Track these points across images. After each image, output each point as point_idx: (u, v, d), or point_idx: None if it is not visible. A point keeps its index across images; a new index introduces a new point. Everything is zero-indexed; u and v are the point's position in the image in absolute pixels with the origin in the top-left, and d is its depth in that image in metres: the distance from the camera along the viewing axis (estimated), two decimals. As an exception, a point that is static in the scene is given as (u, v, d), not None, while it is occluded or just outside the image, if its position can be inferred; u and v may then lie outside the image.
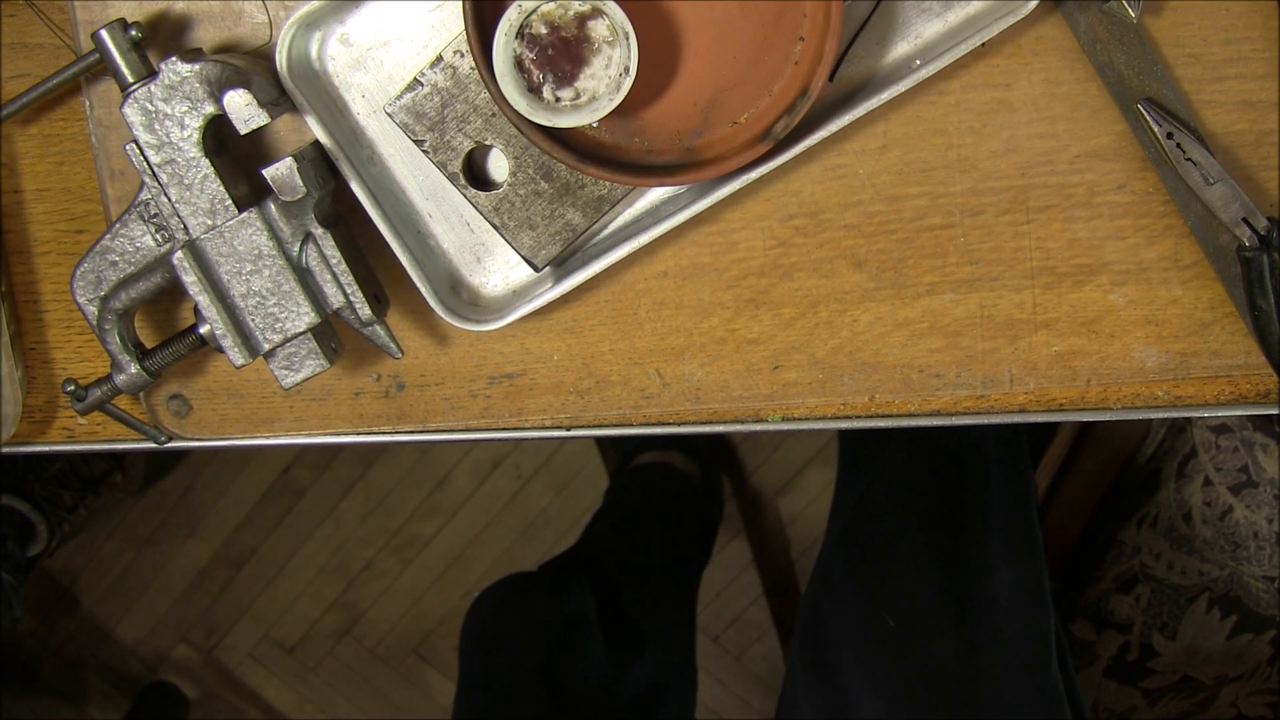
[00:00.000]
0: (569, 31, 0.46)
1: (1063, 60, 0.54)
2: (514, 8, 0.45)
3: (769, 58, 0.49)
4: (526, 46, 0.46)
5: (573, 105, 0.46)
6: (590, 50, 0.46)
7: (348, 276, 0.53)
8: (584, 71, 0.46)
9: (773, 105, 0.49)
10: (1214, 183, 0.53)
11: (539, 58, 0.46)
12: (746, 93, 0.49)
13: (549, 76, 0.46)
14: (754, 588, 1.70)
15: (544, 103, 0.46)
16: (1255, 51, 0.53)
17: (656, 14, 0.48)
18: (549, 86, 0.46)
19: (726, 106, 0.49)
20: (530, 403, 0.59)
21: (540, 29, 0.46)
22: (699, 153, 0.50)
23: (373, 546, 1.73)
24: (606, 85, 0.46)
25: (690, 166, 0.50)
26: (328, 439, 0.61)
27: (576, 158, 0.49)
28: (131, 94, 0.50)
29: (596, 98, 0.46)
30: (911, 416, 0.59)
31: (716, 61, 0.49)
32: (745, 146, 0.49)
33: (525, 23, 0.45)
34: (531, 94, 0.46)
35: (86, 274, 0.53)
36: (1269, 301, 0.53)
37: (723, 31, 0.48)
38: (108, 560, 1.75)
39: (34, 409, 0.62)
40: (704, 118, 0.50)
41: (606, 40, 0.46)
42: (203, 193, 0.51)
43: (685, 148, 0.50)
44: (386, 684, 1.81)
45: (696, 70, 0.49)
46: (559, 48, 0.46)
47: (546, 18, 0.45)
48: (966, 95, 0.54)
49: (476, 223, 0.55)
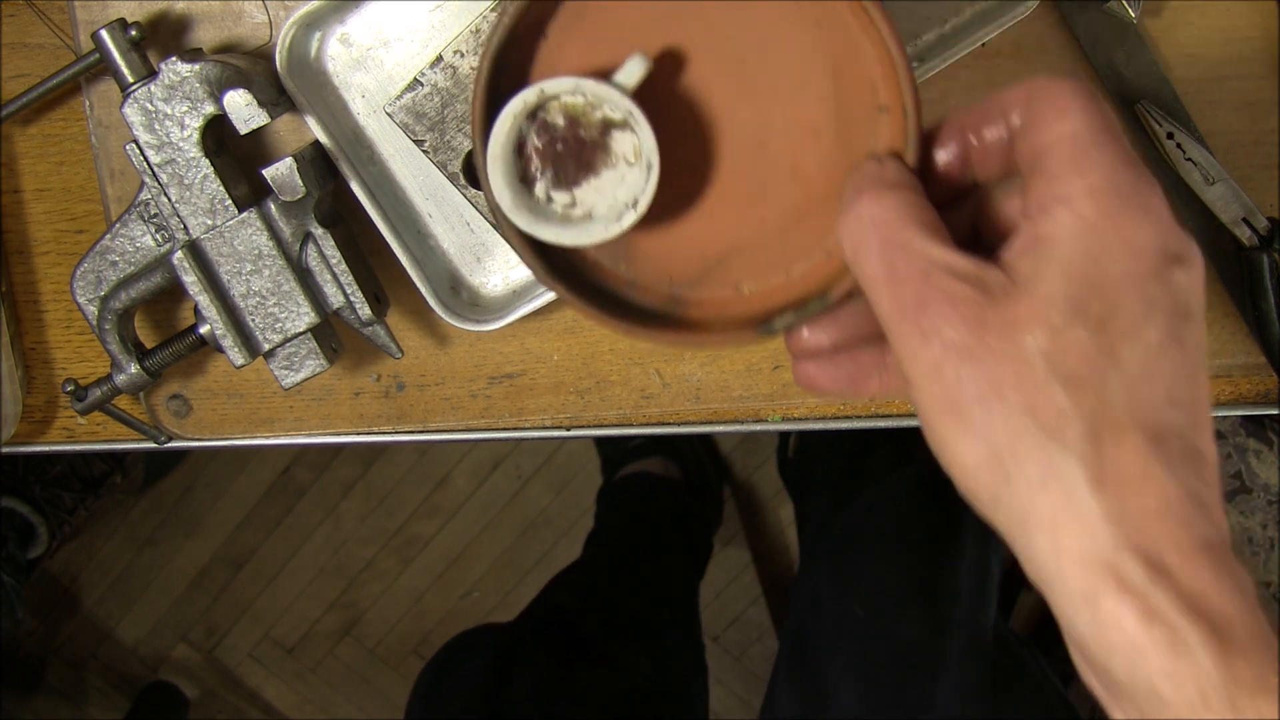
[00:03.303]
0: (588, 133, 0.39)
1: (1063, 60, 0.54)
2: (536, 88, 0.38)
3: (801, 235, 0.41)
4: (536, 131, 0.39)
5: (562, 215, 0.40)
6: (604, 162, 0.39)
7: (348, 276, 0.53)
8: (590, 181, 0.39)
9: (783, 289, 0.41)
10: (1214, 183, 0.53)
11: (545, 148, 0.39)
12: (761, 262, 0.41)
13: (549, 172, 0.39)
14: (754, 588, 1.70)
15: (532, 200, 0.39)
16: (1255, 51, 0.53)
17: (694, 141, 0.40)
18: (544, 183, 0.39)
19: (733, 268, 0.42)
20: (530, 403, 0.59)
21: (557, 119, 0.39)
22: (684, 307, 0.42)
23: (373, 546, 1.73)
24: (608, 208, 0.39)
25: (669, 321, 0.42)
26: (328, 439, 0.61)
27: (548, 269, 0.41)
28: (131, 94, 0.50)
29: (592, 218, 0.39)
30: (911, 416, 0.59)
31: (742, 215, 0.41)
32: (735, 325, 0.41)
33: (543, 106, 0.39)
34: (522, 185, 0.39)
35: (86, 274, 0.53)
36: (1269, 301, 0.53)
37: (762, 187, 0.40)
38: (108, 560, 1.75)
39: (34, 409, 0.62)
40: (705, 270, 0.42)
41: (626, 159, 0.39)
42: (203, 193, 0.51)
43: (672, 295, 0.42)
44: (386, 684, 1.81)
45: (716, 216, 0.41)
46: (571, 146, 0.39)
47: (569, 110, 0.39)
48: (966, 95, 0.54)
49: (476, 223, 0.55)
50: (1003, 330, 0.31)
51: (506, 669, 0.95)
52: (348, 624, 1.78)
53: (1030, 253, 0.32)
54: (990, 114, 0.36)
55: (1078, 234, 0.32)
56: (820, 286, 0.40)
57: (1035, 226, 0.33)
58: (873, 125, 0.39)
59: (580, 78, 0.38)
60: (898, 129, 0.38)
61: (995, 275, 0.33)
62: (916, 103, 0.37)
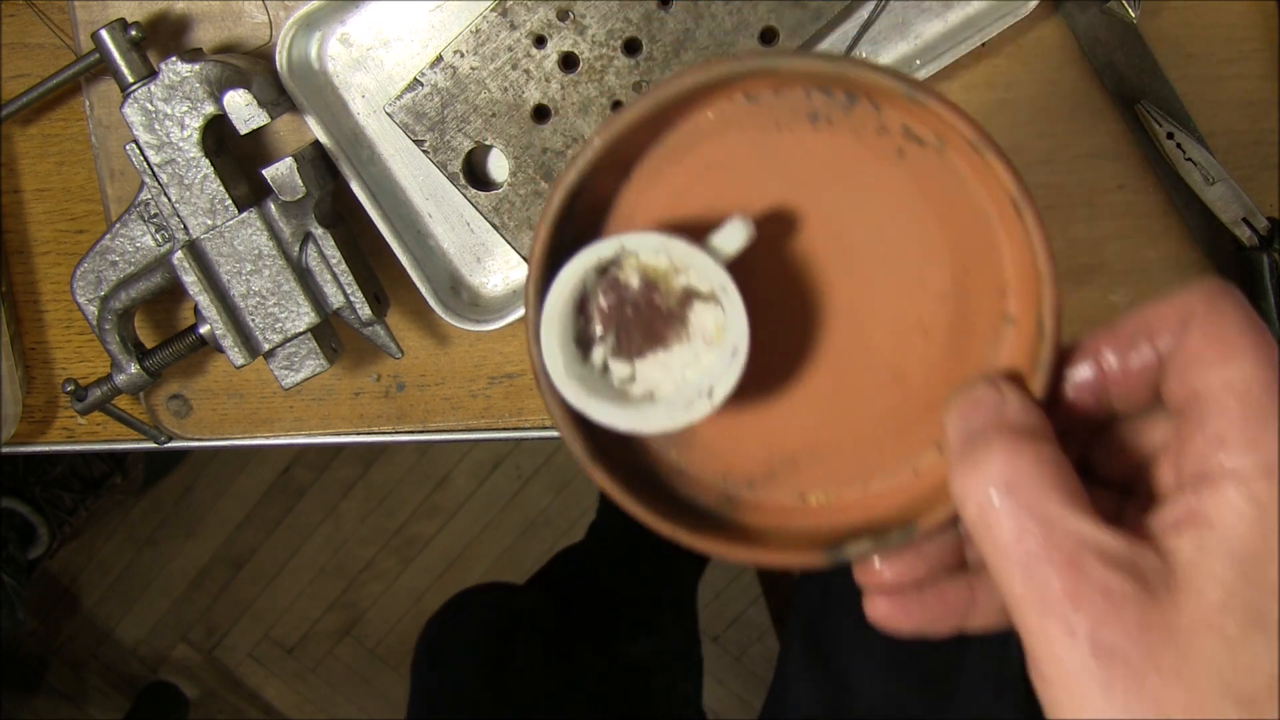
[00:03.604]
0: (665, 301, 0.33)
1: (1063, 60, 0.54)
2: (614, 241, 0.32)
3: (888, 446, 0.35)
4: (604, 289, 0.33)
5: (618, 390, 0.34)
6: (678, 335, 0.33)
7: (348, 276, 0.53)
8: (656, 355, 0.33)
9: (858, 506, 0.35)
10: (1214, 183, 0.53)
11: (611, 311, 0.33)
12: (836, 470, 0.35)
13: (610, 339, 0.33)
14: (754, 588, 1.70)
15: (586, 369, 0.33)
16: (1255, 51, 0.53)
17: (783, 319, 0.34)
18: (604, 348, 0.33)
19: (802, 472, 0.36)
20: (530, 403, 0.59)
21: (632, 279, 0.33)
22: (739, 510, 0.36)
23: (373, 546, 1.73)
24: (674, 391, 0.33)
25: (721, 525, 0.36)
26: (328, 439, 0.61)
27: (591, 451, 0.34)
28: (131, 94, 0.50)
29: (654, 399, 0.33)
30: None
31: (823, 413, 0.35)
32: (798, 542, 0.35)
33: (618, 261, 0.33)
34: (578, 347, 0.33)
35: (86, 274, 0.53)
36: (1269, 301, 0.53)
37: (852, 384, 0.35)
38: (108, 561, 1.75)
39: (34, 409, 0.62)
40: (769, 471, 0.36)
41: (705, 336, 0.33)
42: (203, 193, 0.51)
43: (727, 495, 0.36)
44: (386, 684, 1.81)
45: (793, 409, 0.35)
46: (642, 312, 0.33)
47: (646, 272, 0.33)
48: (966, 95, 0.54)
49: (476, 223, 0.55)
50: (1168, 637, 0.27)
51: (509, 638, 0.96)
52: (348, 624, 1.78)
53: (1191, 534, 0.28)
54: (1135, 334, 0.30)
55: (1253, 522, 0.27)
56: (903, 511, 0.34)
57: (1196, 500, 0.28)
58: (995, 336, 0.34)
59: (668, 236, 0.32)
60: (1025, 348, 0.32)
61: (1151, 561, 0.28)
62: (1057, 323, 0.31)
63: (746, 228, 0.32)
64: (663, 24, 0.50)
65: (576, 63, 0.51)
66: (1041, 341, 0.31)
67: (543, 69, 0.51)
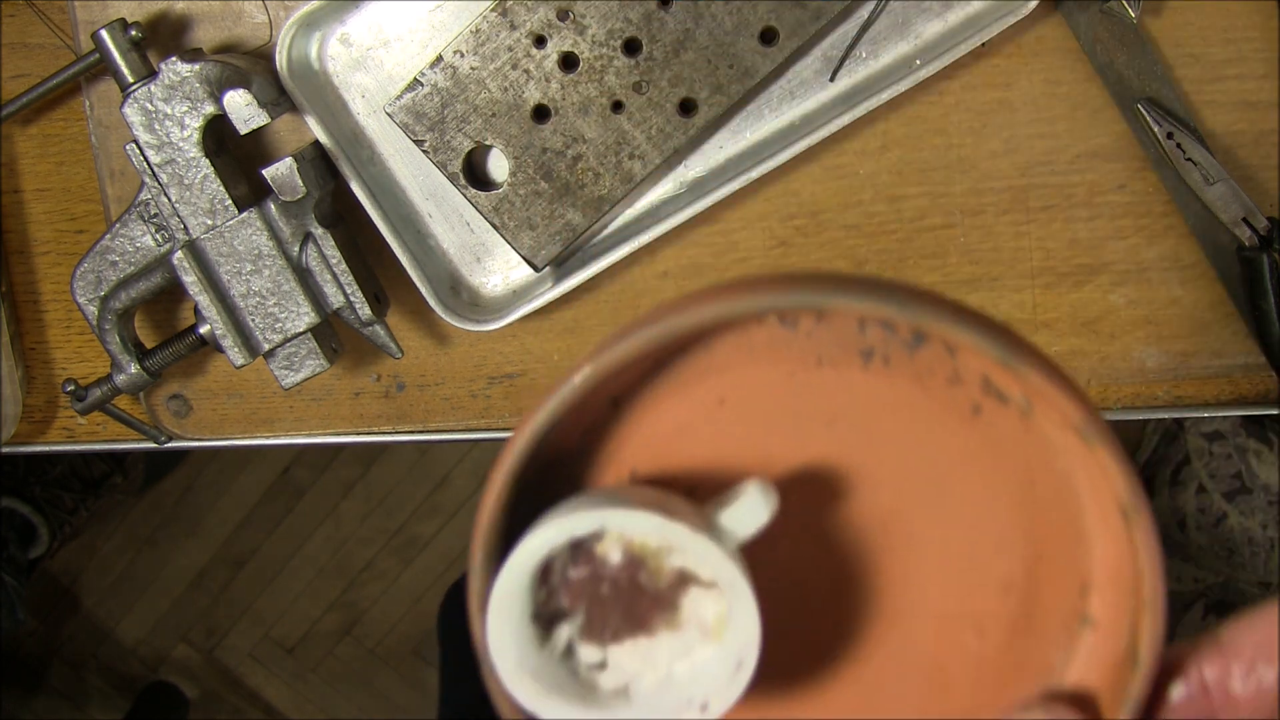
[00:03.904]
0: (652, 583, 0.26)
1: (1063, 60, 0.54)
2: (593, 516, 0.26)
3: None
4: (578, 564, 0.27)
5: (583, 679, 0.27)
6: (667, 622, 0.27)
7: (348, 276, 0.53)
8: (635, 644, 0.27)
9: None
10: (1214, 183, 0.53)
11: (583, 588, 0.27)
12: None
13: (578, 616, 0.27)
14: None
15: (546, 650, 0.27)
16: (1255, 51, 0.53)
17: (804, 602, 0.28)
18: (572, 627, 0.27)
19: None
20: (530, 403, 0.59)
21: (612, 554, 0.26)
22: None
23: (373, 546, 1.73)
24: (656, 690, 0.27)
25: None
26: (328, 439, 0.61)
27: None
28: (131, 94, 0.50)
29: (629, 696, 0.27)
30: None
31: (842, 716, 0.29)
32: None
33: (596, 536, 0.26)
34: (536, 624, 0.27)
35: (86, 274, 0.53)
36: (1269, 301, 0.53)
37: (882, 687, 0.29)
38: (108, 561, 1.75)
39: (34, 409, 0.62)
40: None
41: (702, 627, 0.27)
42: (203, 193, 0.51)
43: None
44: (386, 684, 1.81)
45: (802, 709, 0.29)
46: (623, 591, 0.26)
47: (632, 548, 0.26)
48: (966, 95, 0.54)
49: (476, 223, 0.55)
50: None
51: None
52: (348, 624, 1.78)
53: None
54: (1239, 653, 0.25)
55: None
56: None
57: None
58: (1067, 640, 0.27)
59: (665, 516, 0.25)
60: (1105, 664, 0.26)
61: None
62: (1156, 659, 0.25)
63: (768, 502, 0.26)
64: (663, 24, 0.50)
65: (576, 63, 0.51)
66: (1134, 672, 0.25)
67: (543, 69, 0.51)
